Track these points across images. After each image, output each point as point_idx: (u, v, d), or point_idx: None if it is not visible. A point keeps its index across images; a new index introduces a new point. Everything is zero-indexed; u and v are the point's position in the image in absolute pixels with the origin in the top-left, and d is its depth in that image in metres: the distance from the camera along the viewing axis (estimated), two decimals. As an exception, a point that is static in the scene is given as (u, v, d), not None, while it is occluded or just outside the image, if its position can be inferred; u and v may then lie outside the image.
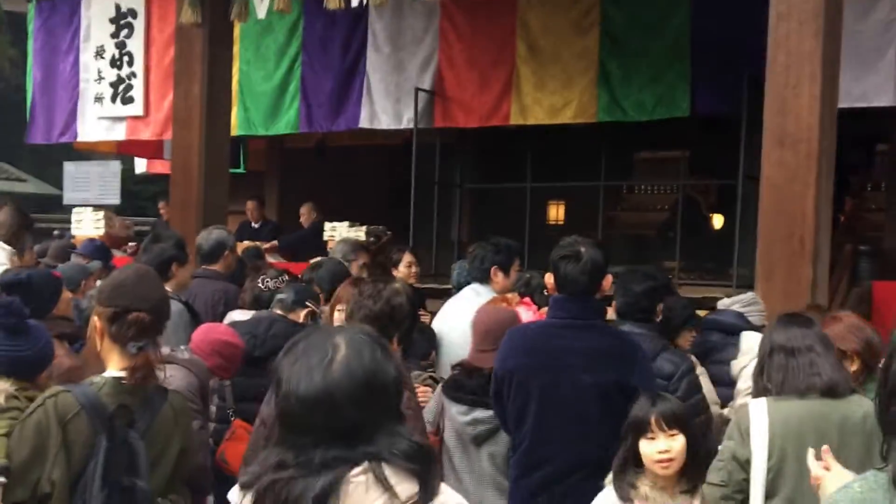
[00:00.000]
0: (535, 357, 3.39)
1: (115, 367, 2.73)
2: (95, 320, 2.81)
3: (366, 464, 1.55)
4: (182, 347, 3.54)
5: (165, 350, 3.10)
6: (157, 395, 2.77)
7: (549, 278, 3.54)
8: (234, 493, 1.65)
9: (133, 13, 8.25)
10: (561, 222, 11.82)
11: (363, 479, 1.54)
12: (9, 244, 5.50)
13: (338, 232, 8.82)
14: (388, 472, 1.55)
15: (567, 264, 3.39)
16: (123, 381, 2.69)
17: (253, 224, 9.83)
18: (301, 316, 4.24)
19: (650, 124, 7.32)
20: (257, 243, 8.09)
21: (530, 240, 9.29)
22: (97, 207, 10.25)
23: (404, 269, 5.77)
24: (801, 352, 2.91)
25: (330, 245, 8.91)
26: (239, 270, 5.28)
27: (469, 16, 7.50)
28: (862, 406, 2.80)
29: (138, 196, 21.29)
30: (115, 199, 15.35)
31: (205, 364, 3.44)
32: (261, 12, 6.24)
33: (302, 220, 9.58)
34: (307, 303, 4.33)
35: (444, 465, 3.70)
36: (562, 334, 3.37)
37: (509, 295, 4.89)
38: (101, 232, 9.24)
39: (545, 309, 4.11)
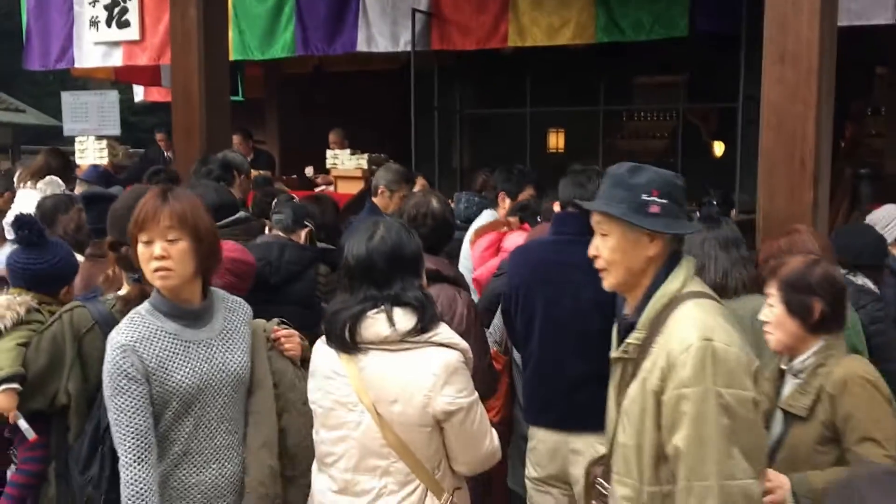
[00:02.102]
0: (538, 273, 3.43)
1: (125, 289, 2.81)
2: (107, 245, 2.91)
3: (383, 305, 2.42)
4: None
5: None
6: None
7: (556, 206, 3.59)
8: None
9: (126, -67, 8.14)
10: (561, 150, 11.81)
11: (377, 316, 2.42)
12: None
13: (339, 159, 8.83)
14: (397, 311, 2.42)
15: (573, 183, 3.48)
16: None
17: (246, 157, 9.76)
18: (301, 236, 4.26)
19: (649, 47, 7.25)
20: (263, 172, 8.07)
21: (531, 166, 9.28)
22: (98, 138, 10.23)
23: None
24: (696, 257, 2.88)
25: (333, 174, 8.93)
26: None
27: (467, -67, 7.35)
28: (752, 303, 2.83)
29: (137, 128, 21.25)
30: (114, 130, 15.23)
31: (217, 282, 3.48)
32: (256, -68, 6.13)
33: (333, 147, 9.39)
34: (305, 222, 4.32)
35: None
36: (563, 250, 3.40)
37: (510, 219, 4.95)
38: (105, 161, 9.26)
39: None
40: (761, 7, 4.39)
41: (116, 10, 8.28)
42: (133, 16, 8.23)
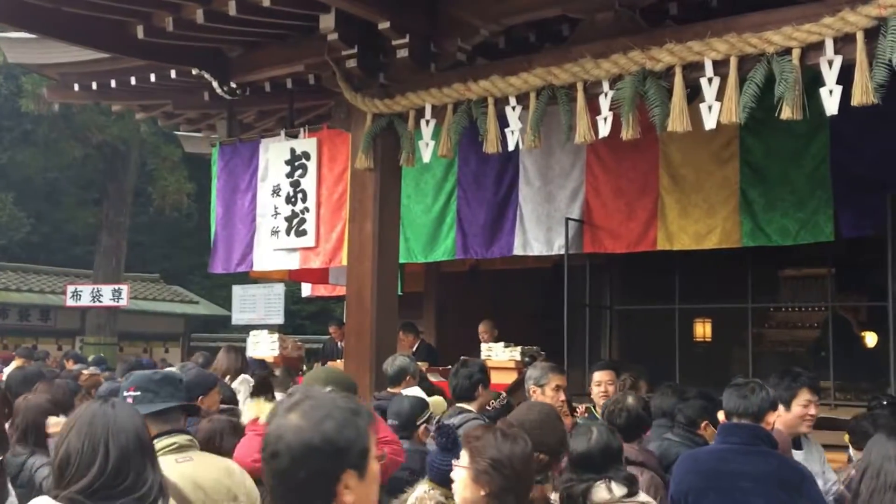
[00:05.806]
0: (708, 480, 3.66)
1: None
2: None
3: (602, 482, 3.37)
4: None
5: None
6: None
7: (721, 415, 3.89)
8: None
9: (307, 155, 8.98)
10: (708, 339, 11.93)
11: (601, 485, 3.34)
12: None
13: (493, 352, 9.26)
14: (613, 484, 3.37)
15: (738, 395, 3.75)
16: None
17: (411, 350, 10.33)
18: None
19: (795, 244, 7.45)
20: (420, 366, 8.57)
21: (679, 358, 9.47)
22: (269, 329, 11.06)
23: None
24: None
25: (487, 365, 9.35)
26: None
27: (613, 150, 7.89)
28: None
29: (297, 315, 22.61)
30: (278, 319, 16.20)
31: None
32: (426, 157, 6.79)
33: (483, 338, 9.88)
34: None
35: None
36: (732, 459, 3.63)
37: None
38: (276, 353, 10.00)
39: None
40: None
41: (296, 220, 9.10)
42: (310, 226, 8.95)
